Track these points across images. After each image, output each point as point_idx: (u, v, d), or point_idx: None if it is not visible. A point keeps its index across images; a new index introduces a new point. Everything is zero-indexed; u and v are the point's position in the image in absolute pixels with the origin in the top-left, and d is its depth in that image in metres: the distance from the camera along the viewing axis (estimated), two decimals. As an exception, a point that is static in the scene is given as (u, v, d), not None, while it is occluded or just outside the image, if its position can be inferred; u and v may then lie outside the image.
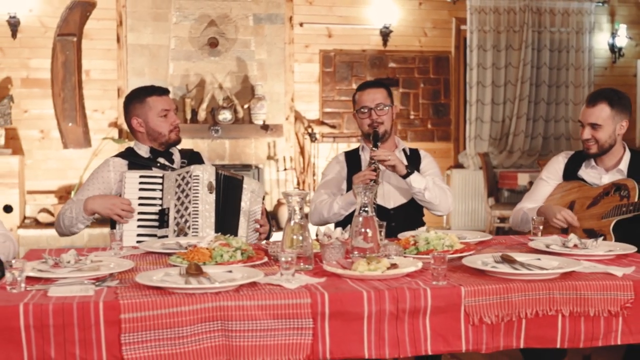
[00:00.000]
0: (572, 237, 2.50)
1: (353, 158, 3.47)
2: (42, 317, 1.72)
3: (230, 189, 3.06)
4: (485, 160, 7.26)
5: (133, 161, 3.16)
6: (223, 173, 3.05)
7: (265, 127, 6.96)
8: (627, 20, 8.09)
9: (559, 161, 3.46)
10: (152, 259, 2.44)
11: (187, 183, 2.94)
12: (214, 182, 2.96)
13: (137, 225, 2.98)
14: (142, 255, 2.50)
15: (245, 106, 7.01)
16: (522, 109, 7.80)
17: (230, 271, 2.06)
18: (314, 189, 3.51)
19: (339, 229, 2.30)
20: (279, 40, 7.27)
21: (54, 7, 6.85)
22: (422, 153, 3.50)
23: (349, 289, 1.93)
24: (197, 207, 2.90)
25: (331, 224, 3.26)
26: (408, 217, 3.32)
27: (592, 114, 3.24)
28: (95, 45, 6.97)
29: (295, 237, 2.18)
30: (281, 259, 1.99)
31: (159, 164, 3.18)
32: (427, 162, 3.45)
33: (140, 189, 3.01)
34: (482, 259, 2.21)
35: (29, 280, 1.96)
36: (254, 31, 7.14)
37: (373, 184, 3.09)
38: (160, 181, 3.04)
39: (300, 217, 2.20)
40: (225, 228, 2.87)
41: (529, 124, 7.89)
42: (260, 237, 3.17)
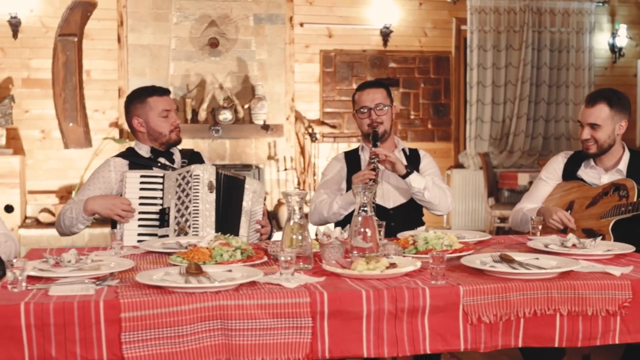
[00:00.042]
0: (571, 236, 2.51)
1: (353, 158, 3.48)
2: (43, 316, 1.73)
3: (232, 189, 3.07)
4: (485, 160, 7.26)
5: (134, 161, 3.17)
6: (225, 173, 3.06)
7: (265, 127, 6.97)
8: (627, 20, 8.09)
9: (558, 161, 3.46)
10: (152, 258, 2.45)
11: (188, 182, 2.95)
12: (214, 182, 2.98)
13: (138, 225, 2.99)
14: (142, 255, 2.51)
15: (246, 106, 7.02)
16: (522, 109, 7.81)
17: (230, 270, 2.07)
18: (315, 189, 3.52)
19: (338, 229, 2.30)
20: (279, 40, 7.28)
21: (54, 7, 6.86)
22: (421, 153, 3.51)
23: (348, 288, 1.93)
24: (198, 207, 2.91)
25: (331, 224, 3.27)
26: (407, 216, 3.33)
27: (591, 114, 3.25)
28: (96, 46, 6.99)
29: (295, 236, 2.19)
30: (280, 258, 2.00)
31: (159, 163, 3.19)
32: (426, 162, 3.46)
33: (141, 189, 3.02)
34: (480, 259, 2.22)
35: (30, 279, 1.97)
36: (254, 31, 7.15)
37: (372, 183, 3.10)
38: (160, 181, 3.05)
39: (300, 217, 2.21)
40: (227, 228, 2.87)
41: (529, 124, 7.90)
42: (262, 237, 3.17)
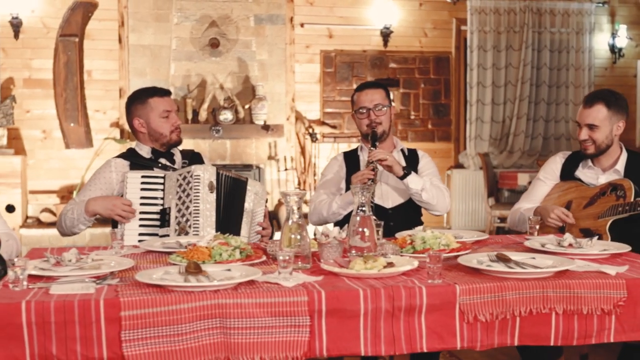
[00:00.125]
0: (567, 236, 2.53)
1: (352, 158, 3.50)
2: (44, 315, 1.74)
3: (233, 190, 3.09)
4: (485, 161, 7.27)
5: (135, 162, 3.19)
6: (226, 174, 3.07)
7: (266, 128, 6.99)
8: (627, 21, 8.10)
9: (556, 161, 3.48)
10: (152, 257, 2.47)
11: (188, 183, 2.97)
12: (214, 182, 2.99)
13: (139, 225, 3.01)
14: (142, 254, 2.53)
15: (246, 106, 7.03)
16: (522, 109, 7.82)
17: (229, 270, 2.09)
18: (315, 189, 3.54)
19: (336, 228, 2.32)
20: (279, 40, 7.30)
21: (56, 7, 6.88)
22: (420, 153, 3.53)
23: (345, 287, 1.95)
24: (198, 207, 2.93)
25: (329, 224, 3.29)
26: (406, 216, 3.34)
27: (589, 115, 3.27)
28: (97, 46, 7.01)
29: (293, 236, 2.21)
30: (279, 257, 2.02)
31: (160, 164, 3.20)
32: (425, 162, 3.48)
33: (142, 189, 3.04)
34: (477, 258, 2.24)
35: (31, 278, 1.99)
36: (255, 32, 7.17)
37: (371, 183, 3.12)
38: (161, 181, 3.07)
39: (299, 217, 2.23)
40: (227, 228, 2.88)
41: (529, 124, 7.91)
42: (262, 239, 3.19)
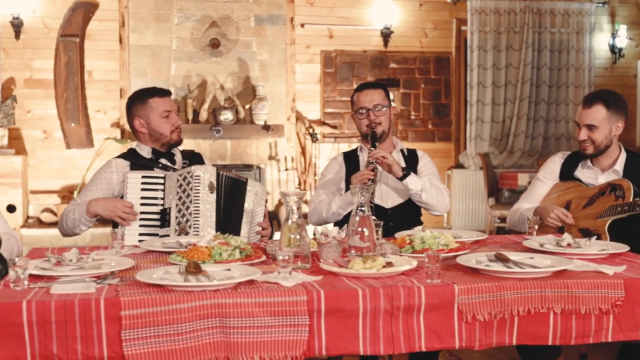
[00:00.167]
0: (566, 236, 2.54)
1: (351, 158, 3.51)
2: (45, 314, 1.76)
3: (233, 190, 3.09)
4: (485, 161, 7.28)
5: (135, 162, 3.20)
6: (226, 174, 3.08)
7: (266, 128, 7.00)
8: (627, 21, 8.10)
9: (556, 161, 3.49)
10: (152, 257, 2.48)
11: (189, 183, 2.98)
12: (214, 182, 3.01)
13: (139, 225, 3.02)
14: (142, 254, 2.54)
15: (247, 106, 7.04)
16: (522, 110, 7.83)
17: (229, 269, 2.10)
18: (315, 189, 3.55)
19: (335, 228, 2.33)
20: (280, 41, 7.31)
21: (56, 8, 6.89)
22: (419, 153, 3.54)
23: (344, 286, 1.96)
24: (198, 207, 2.94)
25: (329, 224, 3.30)
26: (406, 216, 3.35)
27: (588, 115, 3.28)
28: (98, 46, 7.02)
29: (293, 236, 2.22)
30: (278, 257, 2.03)
31: (160, 164, 3.21)
32: (424, 162, 3.49)
33: (143, 189, 3.05)
34: (476, 258, 2.25)
35: (32, 278, 2.00)
36: (255, 32, 7.18)
37: (371, 183, 3.13)
38: (162, 181, 3.08)
39: (298, 217, 2.23)
40: (227, 228, 2.89)
41: (530, 125, 7.91)
42: (262, 239, 3.19)
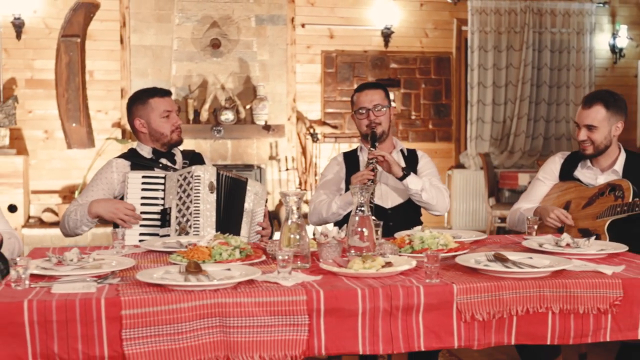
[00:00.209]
0: (565, 236, 2.54)
1: (351, 159, 3.52)
2: (46, 313, 1.77)
3: (233, 190, 3.10)
4: (486, 161, 7.29)
5: (136, 162, 3.21)
6: (226, 174, 3.09)
7: (267, 128, 7.01)
8: (627, 21, 8.11)
9: (555, 161, 3.50)
10: (153, 257, 2.49)
11: (189, 183, 2.99)
12: (214, 182, 3.02)
13: (140, 225, 3.03)
14: (143, 254, 2.55)
15: (248, 107, 7.05)
16: (523, 110, 7.84)
17: (229, 269, 2.11)
18: (316, 189, 3.56)
19: (335, 228, 2.34)
20: (281, 41, 7.31)
21: (58, 8, 6.91)
22: (419, 153, 3.55)
23: (344, 286, 1.97)
24: (199, 207, 2.95)
25: (329, 224, 3.31)
26: (406, 216, 3.36)
27: (587, 116, 3.28)
28: (99, 46, 7.03)
29: (293, 236, 2.23)
30: (278, 257, 2.04)
31: (161, 164, 3.22)
32: (424, 162, 3.50)
33: (143, 189, 3.06)
34: (475, 258, 2.25)
35: (33, 277, 2.01)
36: (256, 32, 7.18)
37: (370, 183, 3.14)
38: (162, 181, 3.09)
39: (298, 217, 2.24)
40: (228, 228, 2.90)
41: (530, 125, 7.92)
42: (262, 239, 3.20)
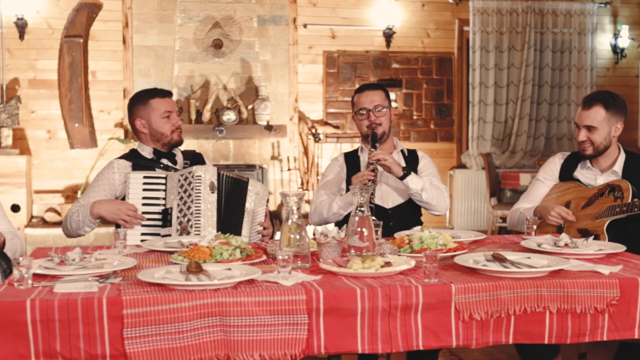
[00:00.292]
0: (564, 236, 2.56)
1: (352, 159, 3.53)
2: (48, 312, 1.79)
3: (234, 190, 3.12)
4: (487, 161, 7.30)
5: (137, 162, 3.23)
6: (227, 174, 3.11)
7: (269, 128, 7.02)
8: (629, 21, 8.11)
9: (555, 162, 3.51)
10: (154, 257, 2.51)
11: (190, 183, 3.01)
12: (215, 182, 3.03)
13: (142, 225, 3.05)
14: (144, 254, 2.57)
15: (250, 107, 7.07)
16: (524, 110, 7.84)
17: (230, 269, 2.13)
18: (317, 190, 3.58)
19: (335, 228, 2.36)
20: (282, 41, 7.33)
21: (60, 8, 6.93)
22: (419, 154, 3.56)
23: (343, 286, 1.99)
24: (200, 207, 2.97)
25: (329, 224, 3.32)
26: (406, 216, 3.38)
27: (587, 117, 3.30)
28: (102, 47, 7.05)
29: (293, 236, 2.25)
30: (278, 257, 2.05)
31: (162, 165, 3.24)
32: (424, 162, 3.51)
33: (144, 190, 3.08)
34: (473, 258, 2.27)
35: (36, 277, 2.03)
36: (258, 32, 7.20)
37: (371, 184, 3.16)
38: (163, 182, 3.11)
39: (298, 217, 2.26)
40: (229, 228, 2.93)
41: (532, 125, 7.93)
42: (263, 239, 3.22)
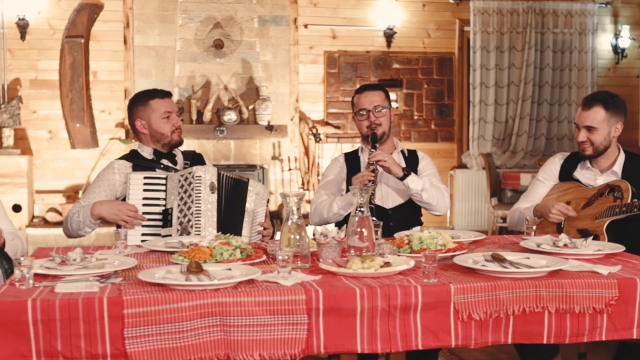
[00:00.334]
0: (563, 236, 2.56)
1: (352, 159, 3.54)
2: (49, 312, 1.80)
3: (234, 190, 3.13)
4: (488, 161, 7.30)
5: (137, 163, 3.24)
6: (228, 174, 3.12)
7: (270, 128, 7.03)
8: (630, 22, 8.12)
9: (555, 162, 3.52)
10: (155, 257, 2.52)
11: (190, 183, 3.02)
12: (215, 183, 3.04)
13: (142, 225, 3.06)
14: (145, 254, 2.58)
15: (250, 107, 7.08)
16: (525, 110, 7.85)
17: (230, 269, 2.14)
18: (317, 190, 3.58)
19: (335, 228, 2.37)
20: (283, 41, 7.34)
21: (62, 9, 6.95)
22: (420, 154, 3.57)
23: (342, 286, 2.00)
24: (200, 207, 2.98)
25: (329, 224, 3.33)
26: (406, 217, 3.39)
27: (587, 117, 3.31)
28: (103, 47, 7.07)
29: (293, 236, 2.25)
30: (278, 257, 2.06)
31: (162, 165, 3.25)
32: (425, 163, 3.52)
33: (145, 190, 3.09)
34: (473, 258, 2.28)
35: (37, 277, 2.04)
36: (259, 33, 7.21)
37: (371, 184, 3.16)
38: (163, 182, 3.12)
39: (298, 217, 2.27)
40: (229, 228, 2.94)
41: (532, 125, 7.93)
42: (264, 239, 3.23)
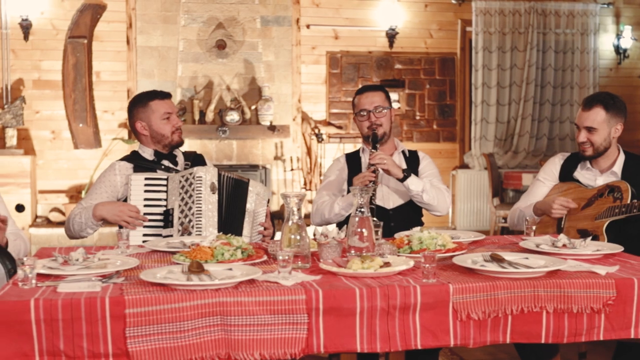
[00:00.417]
0: (562, 237, 2.58)
1: (353, 160, 3.56)
2: (52, 312, 1.82)
3: (234, 191, 3.15)
4: (490, 161, 7.31)
5: (138, 164, 3.26)
6: (228, 175, 3.14)
7: (272, 128, 7.05)
8: (632, 22, 8.12)
9: (555, 162, 3.54)
10: (156, 257, 2.54)
11: (191, 184, 3.04)
12: (216, 183, 3.06)
13: (143, 226, 3.08)
14: (147, 254, 2.60)
15: (253, 107, 7.10)
16: (527, 110, 7.86)
17: (231, 269, 2.16)
18: (318, 190, 3.60)
19: (335, 229, 2.38)
20: (286, 42, 7.36)
21: (65, 9, 6.97)
22: (420, 155, 3.58)
23: (342, 286, 2.01)
24: (200, 207, 3.00)
25: (330, 224, 3.35)
26: (407, 217, 3.40)
27: (587, 118, 3.32)
28: (106, 47, 7.09)
29: (293, 236, 2.27)
30: (279, 257, 2.08)
31: (163, 166, 3.27)
32: (425, 163, 3.54)
33: (146, 191, 3.11)
34: (472, 258, 2.29)
35: (40, 277, 2.06)
36: (261, 33, 7.23)
37: (372, 185, 3.18)
38: (164, 183, 3.14)
39: (298, 218, 2.29)
40: (229, 228, 2.95)
41: (534, 125, 7.94)
42: (264, 239, 3.24)
